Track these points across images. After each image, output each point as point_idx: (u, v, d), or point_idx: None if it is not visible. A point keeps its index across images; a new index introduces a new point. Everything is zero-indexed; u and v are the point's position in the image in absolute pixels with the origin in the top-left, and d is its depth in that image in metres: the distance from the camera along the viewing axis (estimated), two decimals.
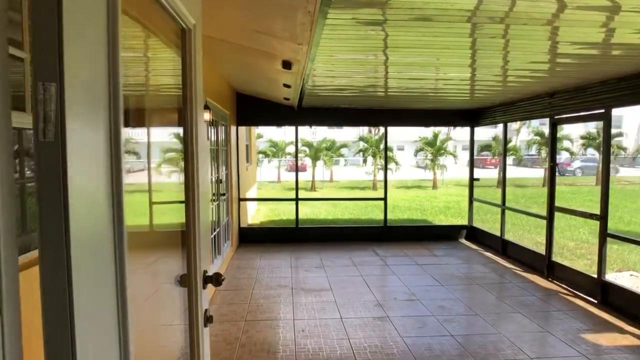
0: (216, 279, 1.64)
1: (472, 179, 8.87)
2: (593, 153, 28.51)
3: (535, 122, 28.05)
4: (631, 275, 6.73)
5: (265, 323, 4.41)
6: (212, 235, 5.49)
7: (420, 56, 3.81)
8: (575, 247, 9.04)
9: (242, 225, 8.30)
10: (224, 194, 6.35)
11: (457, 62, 4.14)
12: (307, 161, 26.35)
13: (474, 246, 8.11)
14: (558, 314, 4.77)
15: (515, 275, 6.26)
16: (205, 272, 1.65)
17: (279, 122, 8.81)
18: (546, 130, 24.86)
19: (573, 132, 24.68)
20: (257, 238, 8.28)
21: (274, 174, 27.95)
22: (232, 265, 6.62)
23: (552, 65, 4.30)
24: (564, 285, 5.69)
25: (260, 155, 26.72)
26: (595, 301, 5.09)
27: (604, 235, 5.03)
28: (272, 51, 3.88)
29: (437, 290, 5.52)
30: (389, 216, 8.72)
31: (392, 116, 8.29)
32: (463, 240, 8.58)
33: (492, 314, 4.75)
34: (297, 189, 8.46)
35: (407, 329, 4.32)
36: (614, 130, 24.88)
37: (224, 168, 6.60)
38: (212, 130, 5.73)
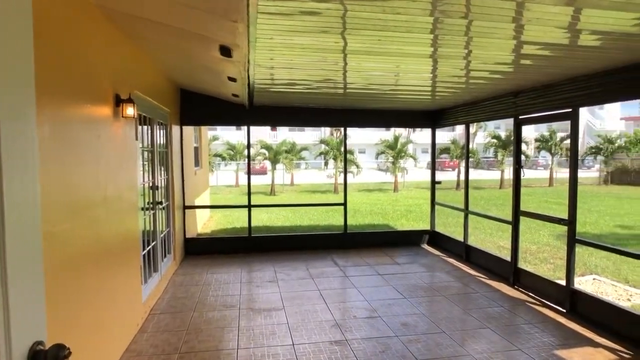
0: (55, 357, 1.01)
1: (433, 182, 8.57)
2: (545, 155, 29.62)
3: (490, 126, 28.80)
4: (594, 279, 6.58)
5: (203, 355, 3.73)
6: (145, 251, 4.73)
7: (380, 42, 3.31)
8: (537, 251, 8.93)
9: (189, 235, 7.53)
10: (160, 203, 5.57)
11: (418, 51, 3.69)
12: (268, 164, 25.59)
13: (436, 252, 7.78)
14: (528, 327, 4.42)
15: (480, 283, 5.92)
16: (36, 344, 1.01)
17: (229, 122, 8.10)
18: (502, 133, 25.50)
19: (528, 134, 25.45)
20: (206, 249, 7.53)
21: (232, 178, 26.94)
22: (174, 282, 5.86)
23: (517, 58, 3.94)
24: (530, 294, 5.40)
25: (217, 159, 25.68)
26: (564, 310, 4.82)
27: (573, 240, 4.77)
28: (206, 33, 3.25)
29: (399, 304, 5.06)
30: (349, 221, 8.26)
31: (352, 117, 7.84)
32: (425, 246, 8.23)
33: (459, 331, 4.33)
34: (249, 194, 7.80)
35: (368, 354, 3.79)
36: (562, 134, 25.87)
37: (163, 173, 5.84)
38: (146, 129, 5.00)
